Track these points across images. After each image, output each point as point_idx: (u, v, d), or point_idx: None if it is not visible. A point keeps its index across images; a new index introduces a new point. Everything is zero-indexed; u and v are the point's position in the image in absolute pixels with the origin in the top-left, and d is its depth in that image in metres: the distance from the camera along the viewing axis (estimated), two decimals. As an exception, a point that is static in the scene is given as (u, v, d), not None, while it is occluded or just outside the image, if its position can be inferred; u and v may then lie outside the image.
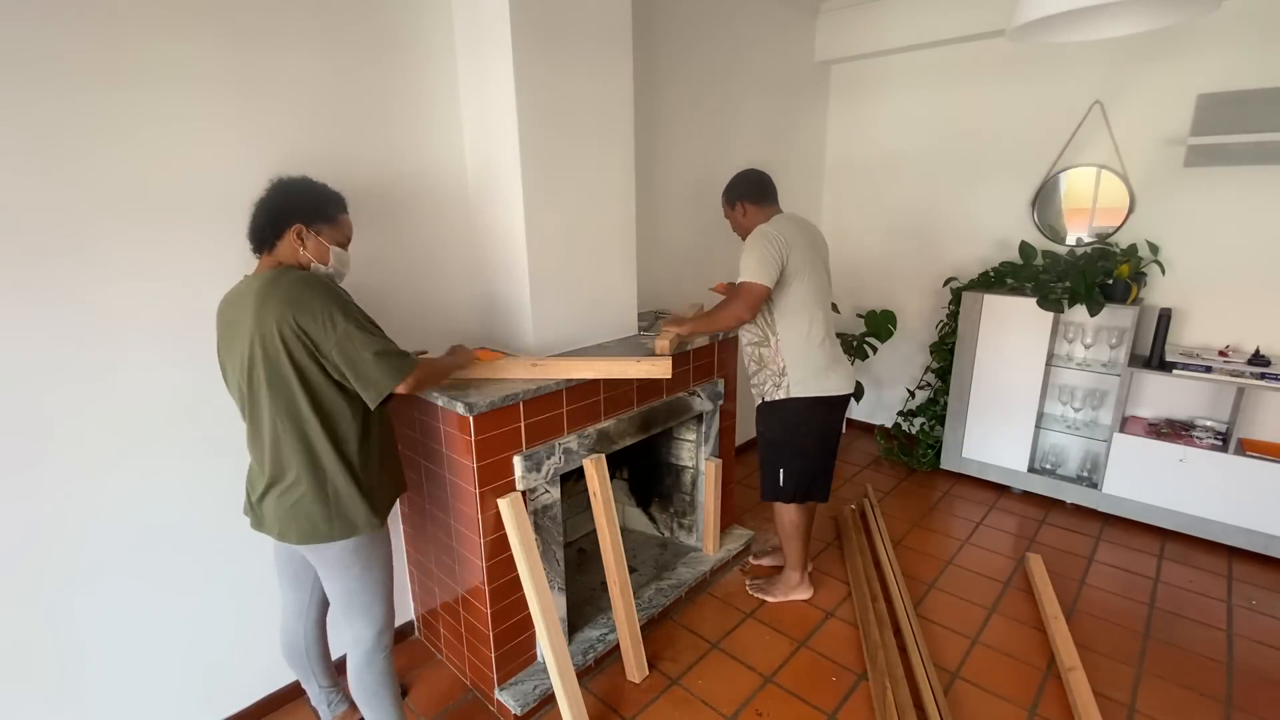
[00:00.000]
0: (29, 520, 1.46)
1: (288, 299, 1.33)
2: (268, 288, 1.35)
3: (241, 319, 1.37)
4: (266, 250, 1.43)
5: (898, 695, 1.91)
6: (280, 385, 1.36)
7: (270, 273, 1.38)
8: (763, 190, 2.18)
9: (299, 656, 1.76)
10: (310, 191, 1.45)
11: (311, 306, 1.33)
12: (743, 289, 2.06)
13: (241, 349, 1.37)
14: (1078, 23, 1.73)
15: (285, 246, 1.41)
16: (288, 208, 1.41)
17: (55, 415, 1.46)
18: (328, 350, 1.35)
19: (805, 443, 2.23)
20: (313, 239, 1.43)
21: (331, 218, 1.47)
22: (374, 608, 1.56)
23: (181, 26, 1.50)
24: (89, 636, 1.59)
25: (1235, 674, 2.09)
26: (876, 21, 3.46)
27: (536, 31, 1.86)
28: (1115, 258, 2.94)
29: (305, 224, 1.41)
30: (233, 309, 1.42)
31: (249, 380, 1.38)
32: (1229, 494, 2.72)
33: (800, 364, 2.14)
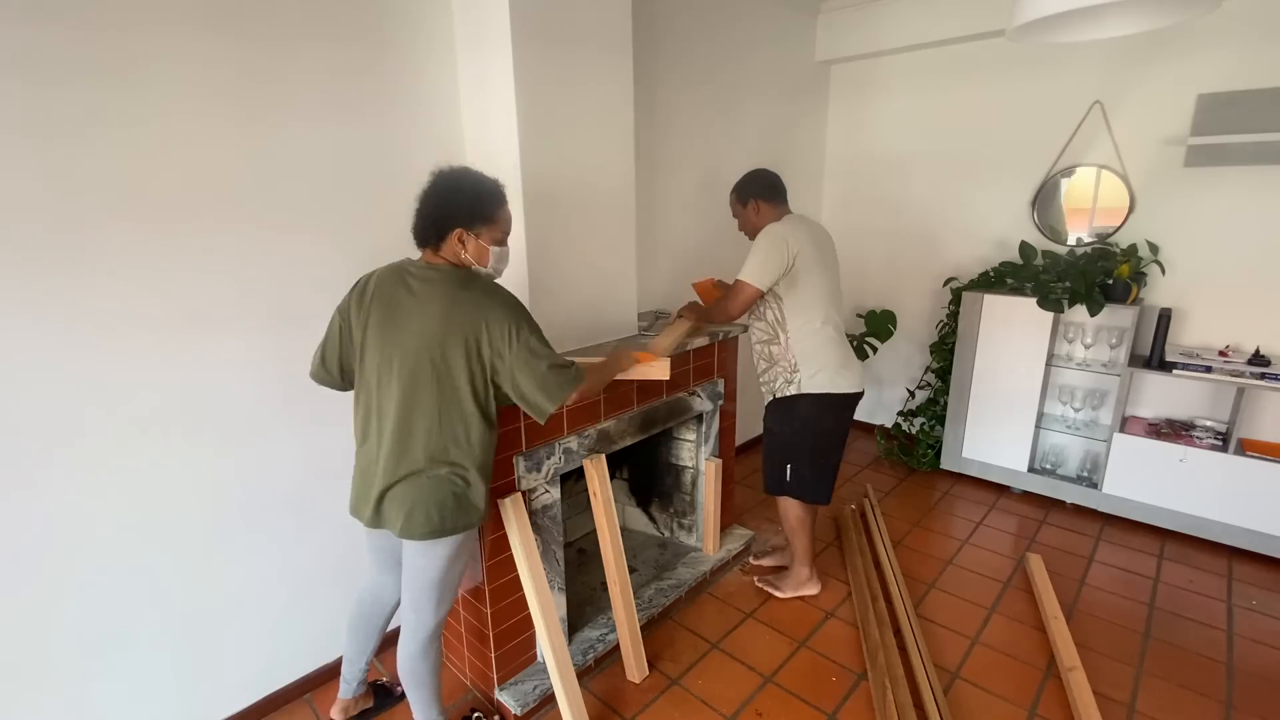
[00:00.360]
0: (29, 520, 1.46)
1: (477, 311, 1.41)
2: (458, 293, 1.42)
3: (416, 311, 1.42)
4: (431, 248, 1.47)
5: (898, 695, 1.91)
6: (446, 388, 1.42)
7: (454, 274, 1.45)
8: (776, 190, 2.21)
9: (372, 631, 1.79)
10: (470, 191, 1.45)
11: (499, 321, 1.41)
12: (736, 288, 2.11)
13: (410, 341, 1.41)
14: (1078, 23, 1.73)
15: (448, 247, 1.46)
16: (448, 210, 1.44)
17: (55, 414, 1.46)
18: (504, 364, 1.43)
19: (815, 440, 2.25)
20: (473, 241, 1.46)
21: (490, 216, 1.47)
22: (444, 601, 1.60)
23: (181, 25, 1.50)
24: (88, 636, 1.59)
25: (1235, 674, 2.09)
26: (876, 21, 3.46)
27: (537, 31, 1.86)
28: (1115, 258, 2.94)
29: (465, 228, 1.44)
30: (405, 294, 1.45)
31: (413, 369, 1.41)
32: (1229, 494, 2.72)
33: (813, 360, 2.16)
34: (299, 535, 1.93)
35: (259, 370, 1.76)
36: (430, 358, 1.40)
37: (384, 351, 1.45)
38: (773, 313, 2.19)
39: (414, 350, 1.41)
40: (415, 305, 1.43)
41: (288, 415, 1.83)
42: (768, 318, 2.21)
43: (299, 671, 2.02)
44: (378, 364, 1.46)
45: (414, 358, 1.41)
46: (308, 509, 1.92)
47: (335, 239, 1.84)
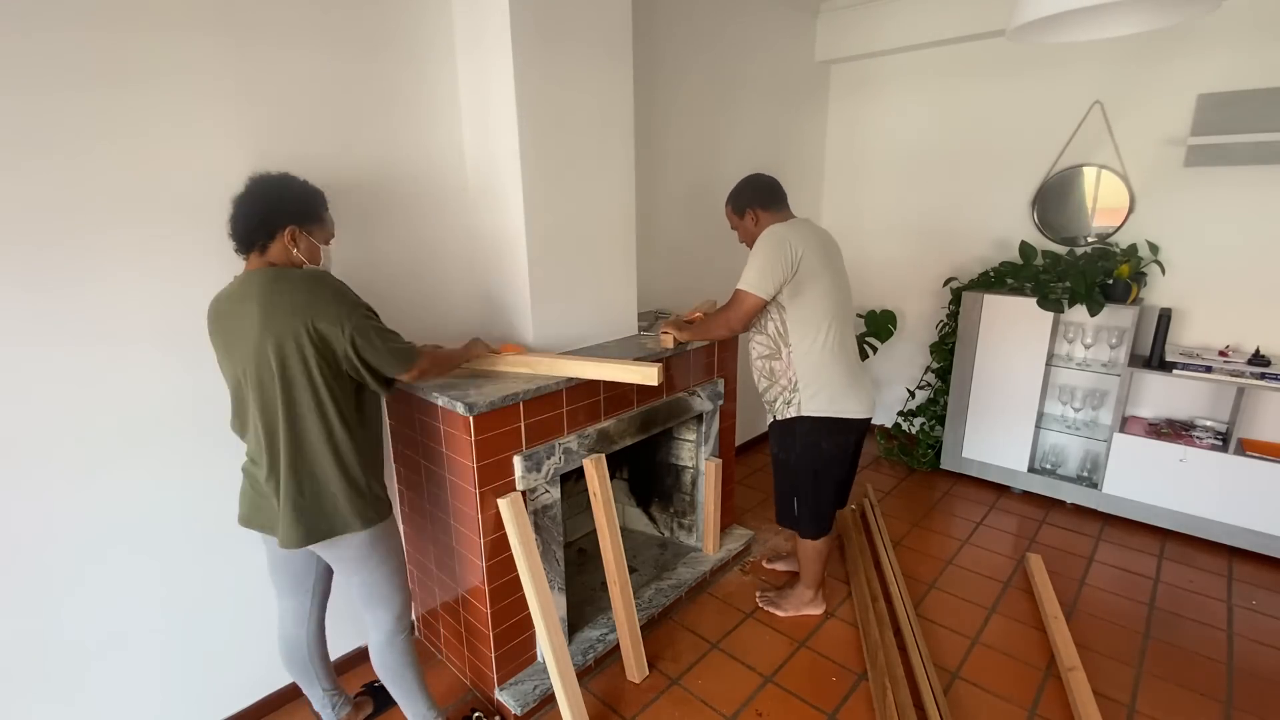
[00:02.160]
0: (27, 520, 1.46)
1: (299, 301, 1.35)
2: (273, 289, 1.36)
3: (244, 320, 1.36)
4: (257, 251, 1.41)
5: (898, 695, 1.91)
6: (290, 386, 1.37)
7: (269, 272, 1.38)
8: (773, 195, 2.07)
9: (301, 663, 1.75)
10: (298, 191, 1.44)
11: (324, 306, 1.36)
12: (736, 298, 1.95)
13: (246, 351, 1.37)
14: (1078, 23, 1.73)
15: (277, 247, 1.41)
16: (278, 209, 1.40)
17: (53, 415, 1.46)
18: (340, 346, 1.38)
19: (815, 467, 2.08)
20: (305, 240, 1.43)
21: (319, 217, 1.48)
22: (392, 594, 1.60)
23: (180, 25, 1.50)
24: (87, 636, 1.59)
25: (1235, 674, 2.09)
26: (876, 21, 3.46)
27: (537, 30, 1.86)
28: (1115, 258, 2.94)
29: (298, 225, 1.41)
30: (231, 308, 1.40)
31: (256, 382, 1.38)
32: (1229, 494, 2.72)
33: (813, 379, 1.99)
34: (299, 535, 1.92)
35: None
36: (260, 364, 1.36)
37: (233, 373, 1.43)
38: (774, 325, 2.01)
39: (252, 362, 1.37)
40: (237, 317, 1.38)
41: (288, 415, 1.83)
42: (769, 330, 2.03)
43: (299, 671, 2.02)
44: (234, 386, 1.45)
45: (256, 369, 1.37)
46: (308, 509, 1.92)
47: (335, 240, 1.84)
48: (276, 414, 1.39)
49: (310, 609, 1.70)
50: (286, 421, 1.38)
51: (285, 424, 1.38)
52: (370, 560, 1.54)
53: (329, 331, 1.36)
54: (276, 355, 1.34)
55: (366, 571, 1.54)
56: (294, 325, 1.33)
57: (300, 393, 1.38)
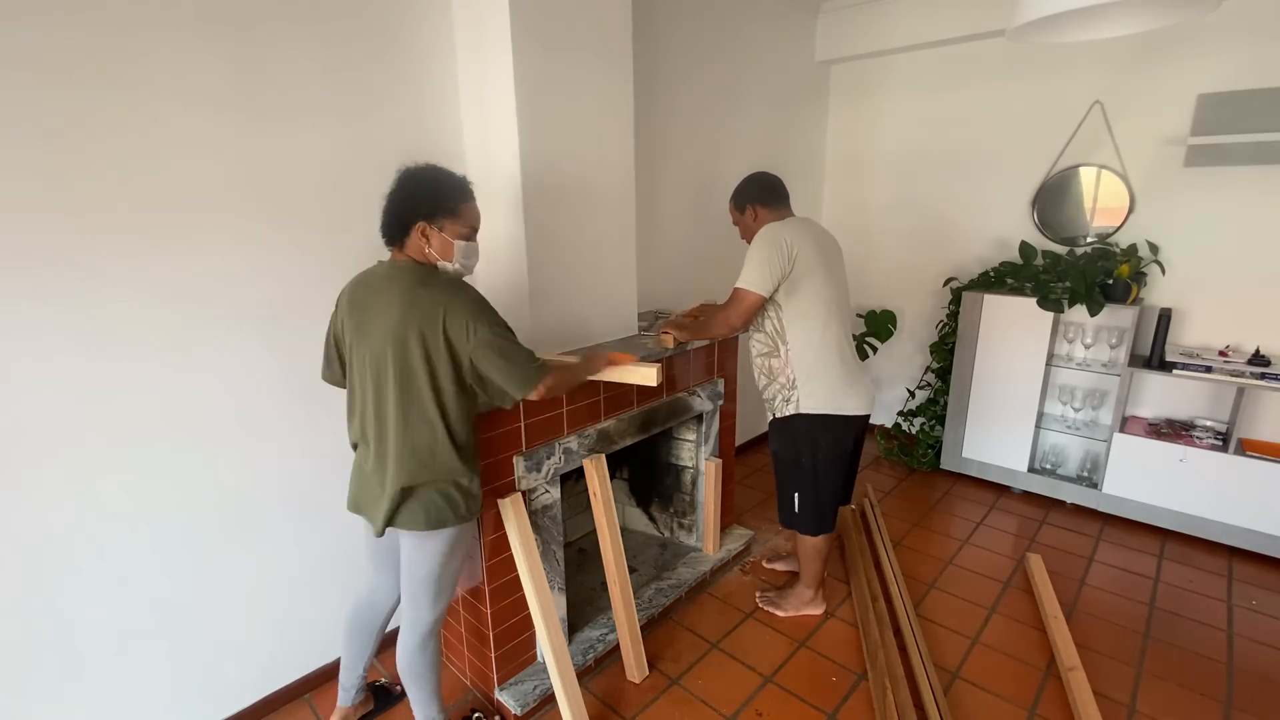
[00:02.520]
0: (28, 520, 1.46)
1: (437, 303, 1.39)
2: (416, 291, 1.40)
3: (383, 310, 1.42)
4: (396, 246, 1.47)
5: (898, 695, 1.91)
6: (414, 384, 1.41)
7: (413, 271, 1.43)
8: (774, 193, 2.08)
9: (365, 635, 1.78)
10: (432, 184, 1.44)
11: (456, 315, 1.39)
12: (735, 297, 1.96)
13: (377, 340, 1.42)
14: (1078, 23, 1.74)
15: (412, 243, 1.44)
16: (410, 204, 1.43)
17: (54, 414, 1.46)
18: (464, 356, 1.42)
19: (815, 464, 2.09)
20: (436, 236, 1.44)
21: (453, 210, 1.45)
22: (441, 596, 1.61)
23: (181, 25, 1.50)
24: (88, 636, 1.59)
25: (1235, 674, 2.09)
26: (876, 21, 3.46)
27: (536, 31, 1.86)
28: (1115, 258, 2.94)
29: (428, 221, 1.43)
30: (371, 296, 1.46)
31: (378, 372, 1.43)
32: (1229, 494, 2.72)
33: (811, 376, 2.00)
34: (298, 535, 1.93)
35: (258, 370, 1.76)
36: (393, 358, 1.40)
37: (359, 355, 1.47)
38: (772, 323, 2.03)
39: (380, 351, 1.42)
40: (380, 306, 1.43)
41: (287, 415, 1.83)
42: (766, 328, 2.05)
43: (299, 671, 2.02)
44: (358, 368, 1.49)
45: (381, 359, 1.42)
46: (307, 509, 1.92)
47: (335, 239, 1.84)
48: (397, 403, 1.42)
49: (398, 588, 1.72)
50: (403, 411, 1.42)
51: (401, 413, 1.42)
52: (441, 556, 1.55)
53: (458, 340, 1.40)
54: (403, 349, 1.39)
55: (435, 566, 1.55)
56: (426, 331, 1.38)
57: (423, 389, 1.42)
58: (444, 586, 1.60)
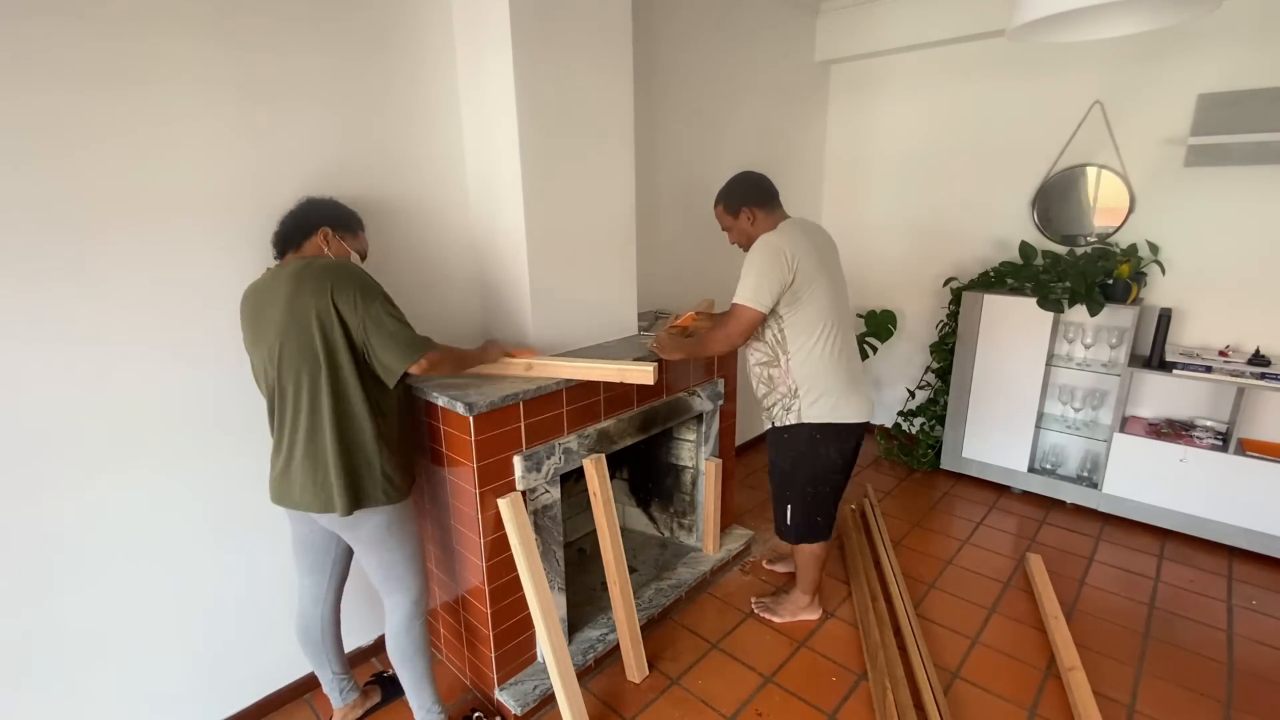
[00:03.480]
0: (30, 520, 1.46)
1: (323, 279, 1.42)
2: (301, 272, 1.44)
3: (271, 305, 1.45)
4: (292, 249, 1.53)
5: (898, 695, 1.91)
6: (312, 364, 1.44)
7: (298, 261, 1.48)
8: (768, 193, 2.01)
9: (314, 643, 1.79)
10: (337, 204, 1.60)
11: (345, 285, 1.43)
12: (734, 313, 1.90)
13: (272, 334, 1.44)
14: (1078, 23, 1.74)
15: (311, 246, 1.53)
16: (315, 214, 1.54)
17: (56, 413, 1.46)
18: (354, 325, 1.44)
19: (812, 474, 2.06)
20: (336, 242, 1.56)
21: (354, 231, 1.61)
22: (409, 578, 1.65)
23: (181, 26, 1.50)
24: (89, 636, 1.59)
25: (1235, 674, 2.09)
26: (876, 21, 3.46)
27: (536, 32, 1.86)
28: (1115, 258, 2.94)
29: (332, 228, 1.55)
30: (261, 298, 1.48)
31: (280, 361, 1.45)
32: (1229, 494, 2.72)
33: (813, 385, 1.97)
34: (299, 535, 1.92)
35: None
36: (285, 348, 1.43)
37: (256, 357, 1.50)
38: (772, 333, 1.98)
39: (271, 350, 1.45)
40: (264, 307, 1.47)
41: (288, 415, 1.83)
42: (766, 338, 2.00)
43: (299, 671, 2.02)
44: (264, 370, 1.50)
45: (271, 357, 1.46)
46: (308, 509, 1.92)
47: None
48: (301, 388, 1.45)
49: (326, 590, 1.75)
50: (309, 395, 1.45)
51: (309, 397, 1.45)
52: (388, 540, 1.59)
53: (345, 308, 1.42)
54: (301, 330, 1.42)
55: (385, 551, 1.59)
56: (317, 303, 1.41)
57: (323, 367, 1.43)
58: (406, 569, 1.64)
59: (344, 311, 1.42)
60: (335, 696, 1.86)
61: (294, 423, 1.48)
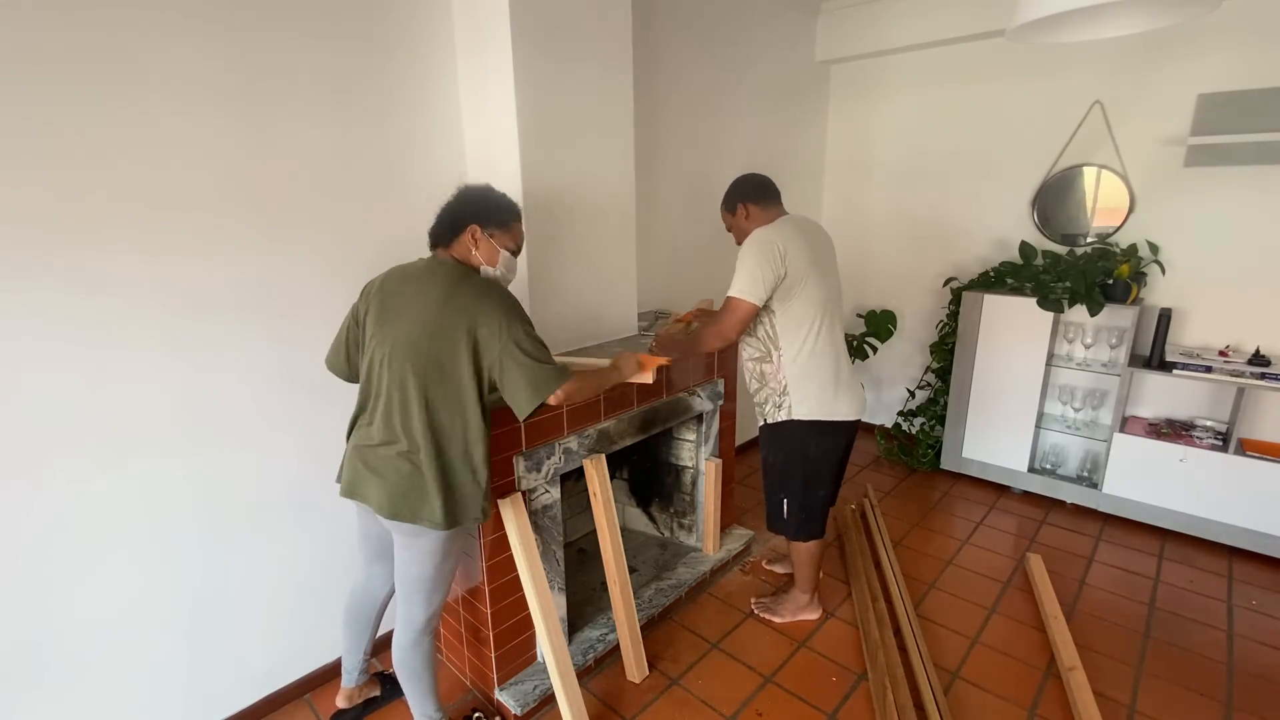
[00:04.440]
0: (28, 518, 1.46)
1: (473, 302, 1.43)
2: (456, 285, 1.45)
3: (416, 300, 1.46)
4: (443, 246, 1.53)
5: (898, 695, 1.91)
6: (438, 376, 1.43)
7: (455, 267, 1.49)
8: (765, 191, 2.04)
9: (365, 622, 1.82)
10: (488, 198, 1.55)
11: (492, 313, 1.43)
12: (728, 306, 1.90)
13: (406, 328, 1.44)
14: (1078, 23, 1.74)
15: (460, 245, 1.52)
16: (467, 209, 1.51)
17: (55, 412, 1.46)
18: (492, 353, 1.44)
19: (804, 470, 2.08)
20: (485, 241, 1.52)
21: (505, 224, 1.55)
22: (435, 595, 1.62)
23: (181, 26, 1.50)
24: (88, 636, 1.59)
25: (1235, 674, 2.09)
26: (877, 21, 3.46)
27: (537, 31, 1.86)
28: (1115, 258, 2.94)
29: (481, 225, 1.51)
30: (411, 286, 1.49)
31: (403, 359, 1.43)
32: (1229, 494, 2.72)
33: (803, 382, 1.98)
34: (299, 534, 1.93)
35: (258, 368, 1.76)
36: (421, 344, 1.43)
37: (381, 339, 1.49)
38: (764, 329, 2.00)
39: (407, 336, 1.44)
40: (415, 293, 1.47)
41: (287, 413, 1.84)
42: (759, 334, 2.02)
43: (299, 671, 2.02)
44: (375, 351, 1.50)
45: (406, 344, 1.44)
46: (308, 507, 1.92)
47: (334, 239, 1.84)
48: (418, 394, 1.43)
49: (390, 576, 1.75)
50: (425, 408, 1.44)
51: (423, 410, 1.44)
52: (438, 556, 1.56)
53: (484, 335, 1.43)
54: (440, 344, 1.42)
55: (431, 566, 1.56)
56: (460, 324, 1.42)
57: (449, 384, 1.44)
58: (437, 586, 1.60)
59: (484, 339, 1.42)
60: (352, 676, 1.88)
61: (391, 424, 1.46)
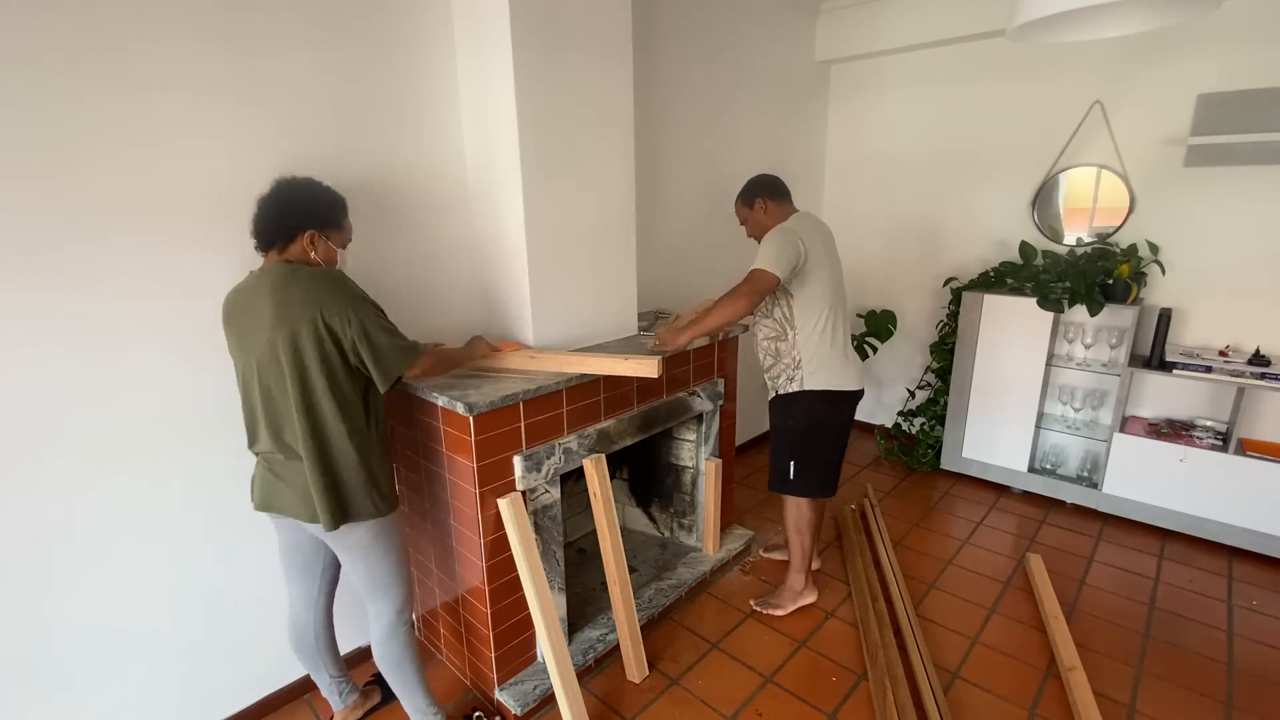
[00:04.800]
0: (28, 520, 1.46)
1: (311, 295, 1.40)
2: (287, 284, 1.41)
3: (257, 313, 1.42)
4: (276, 250, 1.47)
5: (898, 695, 1.91)
6: (302, 377, 1.42)
7: (284, 268, 1.44)
8: (781, 189, 2.25)
9: (308, 648, 1.78)
10: (319, 197, 1.50)
11: (333, 300, 1.41)
12: (753, 275, 2.05)
13: (258, 343, 1.42)
14: (1078, 23, 1.74)
15: (295, 249, 1.47)
16: (299, 212, 1.46)
17: (54, 415, 1.46)
18: (347, 340, 1.43)
19: (817, 436, 2.27)
20: (323, 244, 1.50)
21: (339, 223, 1.54)
22: (393, 587, 1.64)
23: (181, 26, 1.50)
24: (88, 636, 1.59)
25: (1235, 674, 2.09)
26: (876, 21, 3.46)
27: (536, 31, 1.86)
28: (1115, 258, 2.94)
29: (317, 230, 1.47)
30: (246, 300, 1.46)
31: (267, 371, 1.43)
32: (1229, 494, 2.72)
33: (815, 358, 2.18)
34: (299, 535, 1.93)
35: (259, 370, 1.76)
36: (281, 356, 1.40)
37: (246, 363, 1.47)
38: (781, 310, 2.19)
39: (265, 353, 1.42)
40: (253, 305, 1.44)
41: (288, 415, 1.83)
42: (775, 315, 2.21)
43: (299, 671, 2.01)
44: (246, 376, 1.48)
45: (268, 360, 1.42)
46: (308, 509, 1.92)
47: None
48: (290, 402, 1.43)
49: (318, 595, 1.74)
50: (302, 409, 1.43)
51: (301, 412, 1.43)
52: (375, 550, 1.58)
53: (337, 325, 1.41)
54: (289, 346, 1.39)
55: (372, 560, 1.59)
56: (306, 317, 1.39)
57: (314, 382, 1.43)
58: (390, 579, 1.63)
59: (335, 327, 1.41)
60: (335, 699, 1.86)
61: (277, 433, 1.47)
